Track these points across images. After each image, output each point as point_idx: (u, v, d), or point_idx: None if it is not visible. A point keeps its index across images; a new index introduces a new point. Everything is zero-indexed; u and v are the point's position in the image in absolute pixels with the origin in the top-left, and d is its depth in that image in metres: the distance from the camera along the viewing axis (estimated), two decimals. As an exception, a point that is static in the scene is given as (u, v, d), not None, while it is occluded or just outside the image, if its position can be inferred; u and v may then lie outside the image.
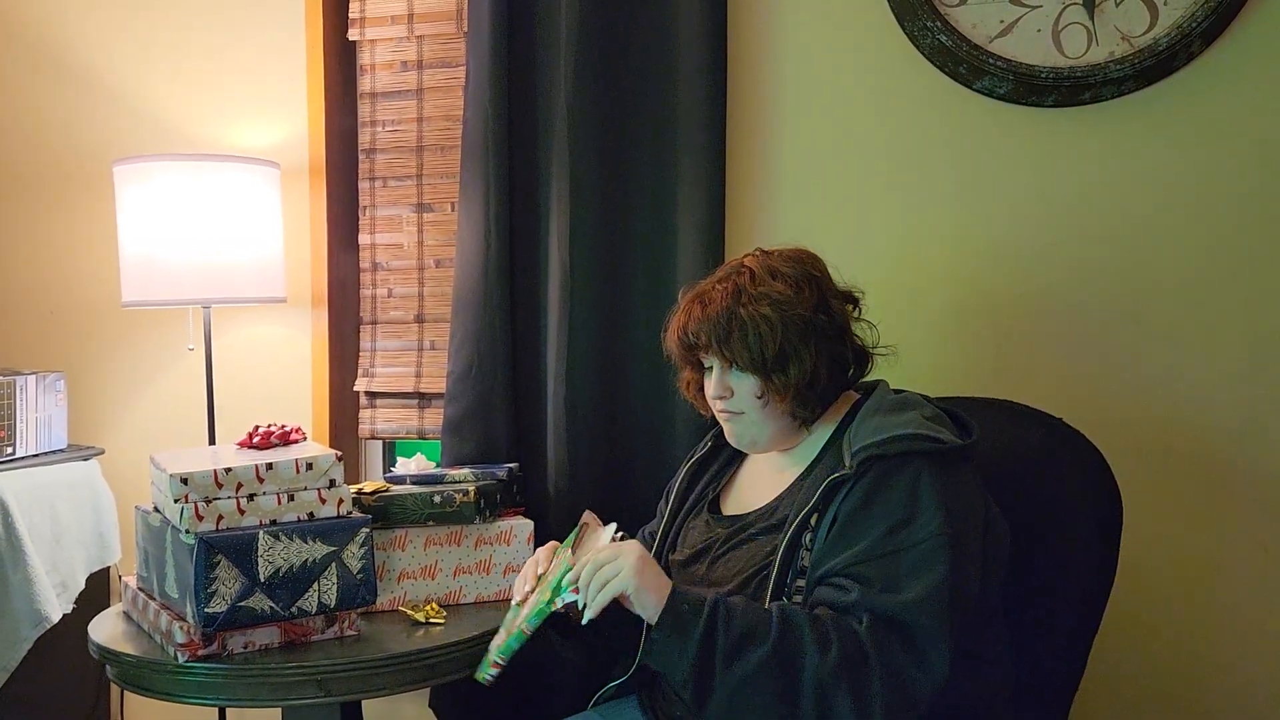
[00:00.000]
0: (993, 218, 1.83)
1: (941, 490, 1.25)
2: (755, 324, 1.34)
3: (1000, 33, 1.78)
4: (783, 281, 1.37)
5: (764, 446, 1.43)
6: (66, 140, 2.36)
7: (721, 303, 1.37)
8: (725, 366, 1.39)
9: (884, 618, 1.19)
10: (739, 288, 1.37)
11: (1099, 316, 1.79)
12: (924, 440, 1.28)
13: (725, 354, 1.37)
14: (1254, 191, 1.72)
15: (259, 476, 1.54)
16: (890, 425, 1.30)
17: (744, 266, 1.41)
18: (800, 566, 1.28)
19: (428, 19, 2.15)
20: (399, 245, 2.21)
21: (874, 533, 1.24)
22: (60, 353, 2.37)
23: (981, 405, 1.58)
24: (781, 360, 1.34)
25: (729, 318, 1.36)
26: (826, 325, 1.37)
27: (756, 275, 1.38)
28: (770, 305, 1.35)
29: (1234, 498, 1.75)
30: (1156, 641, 1.78)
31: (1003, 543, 1.36)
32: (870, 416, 1.34)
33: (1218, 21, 1.69)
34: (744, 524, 1.41)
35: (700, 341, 1.39)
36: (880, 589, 1.21)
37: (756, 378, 1.36)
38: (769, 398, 1.37)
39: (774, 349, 1.34)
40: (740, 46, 1.92)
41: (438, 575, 1.75)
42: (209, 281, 2.00)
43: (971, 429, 1.36)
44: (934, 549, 1.22)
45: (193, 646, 1.49)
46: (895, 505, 1.25)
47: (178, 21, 2.28)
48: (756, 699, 1.19)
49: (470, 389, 1.97)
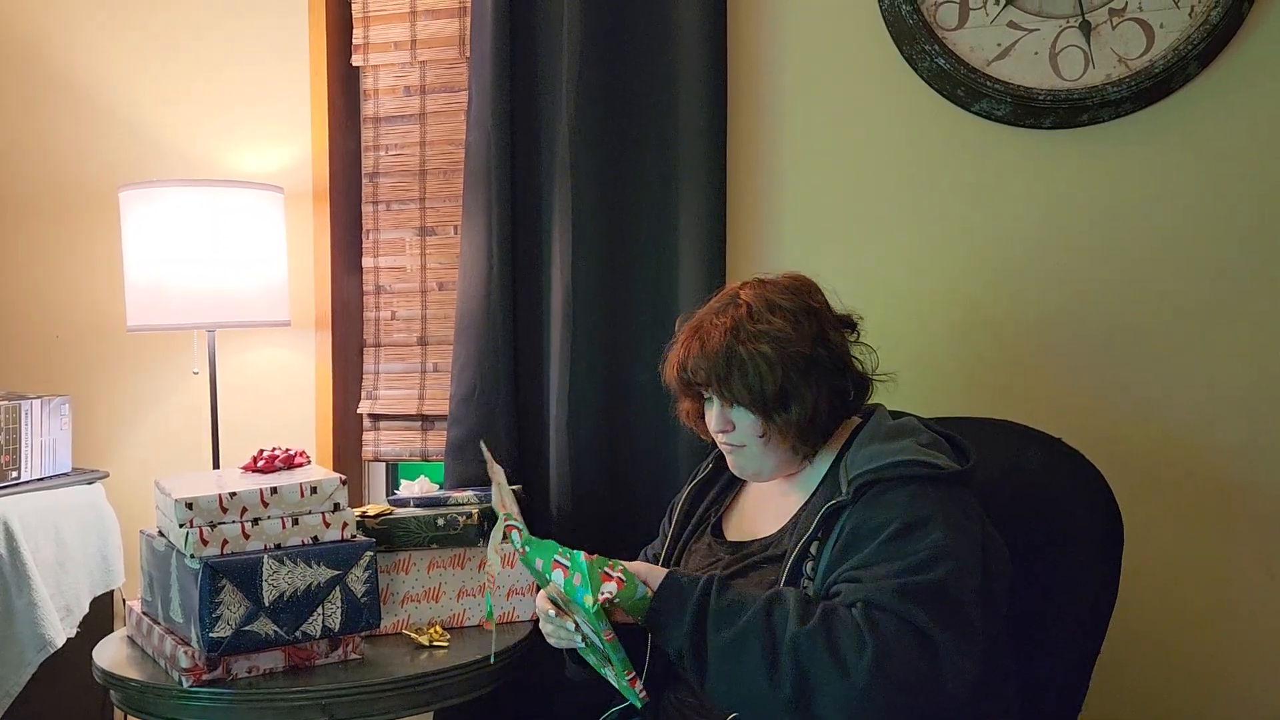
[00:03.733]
0: (992, 239, 1.84)
1: (941, 508, 1.25)
2: (755, 362, 1.32)
3: (998, 56, 1.80)
4: (781, 316, 1.35)
5: (767, 477, 1.43)
6: (73, 165, 2.38)
7: (720, 339, 1.35)
8: (726, 404, 1.38)
9: (879, 605, 1.17)
10: (737, 323, 1.35)
11: (1099, 336, 1.79)
12: (919, 466, 1.28)
13: (725, 394, 1.35)
14: (1252, 211, 1.73)
15: (263, 501, 1.55)
16: (886, 453, 1.30)
17: (741, 300, 1.38)
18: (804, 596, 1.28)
19: (430, 45, 2.17)
20: (402, 268, 2.22)
21: (873, 543, 1.24)
22: (65, 376, 2.38)
23: (981, 425, 1.58)
24: (782, 399, 1.33)
25: (728, 356, 1.34)
26: (826, 359, 1.36)
27: (755, 310, 1.36)
28: (769, 343, 1.33)
29: (1236, 516, 1.74)
30: (1159, 661, 1.78)
31: (1004, 571, 1.35)
32: (867, 444, 1.34)
33: (1214, 44, 1.70)
34: (747, 552, 1.41)
35: (699, 379, 1.38)
36: (871, 584, 1.20)
37: (757, 416, 1.35)
38: (770, 436, 1.36)
39: (774, 388, 1.32)
40: (740, 71, 1.94)
41: (441, 598, 1.75)
42: (213, 305, 2.01)
43: (969, 454, 1.35)
44: (932, 557, 1.20)
45: (197, 671, 1.49)
46: (894, 517, 1.24)
47: (183, 48, 2.30)
48: (744, 661, 1.19)
49: (473, 411, 1.98)
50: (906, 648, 1.15)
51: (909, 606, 1.16)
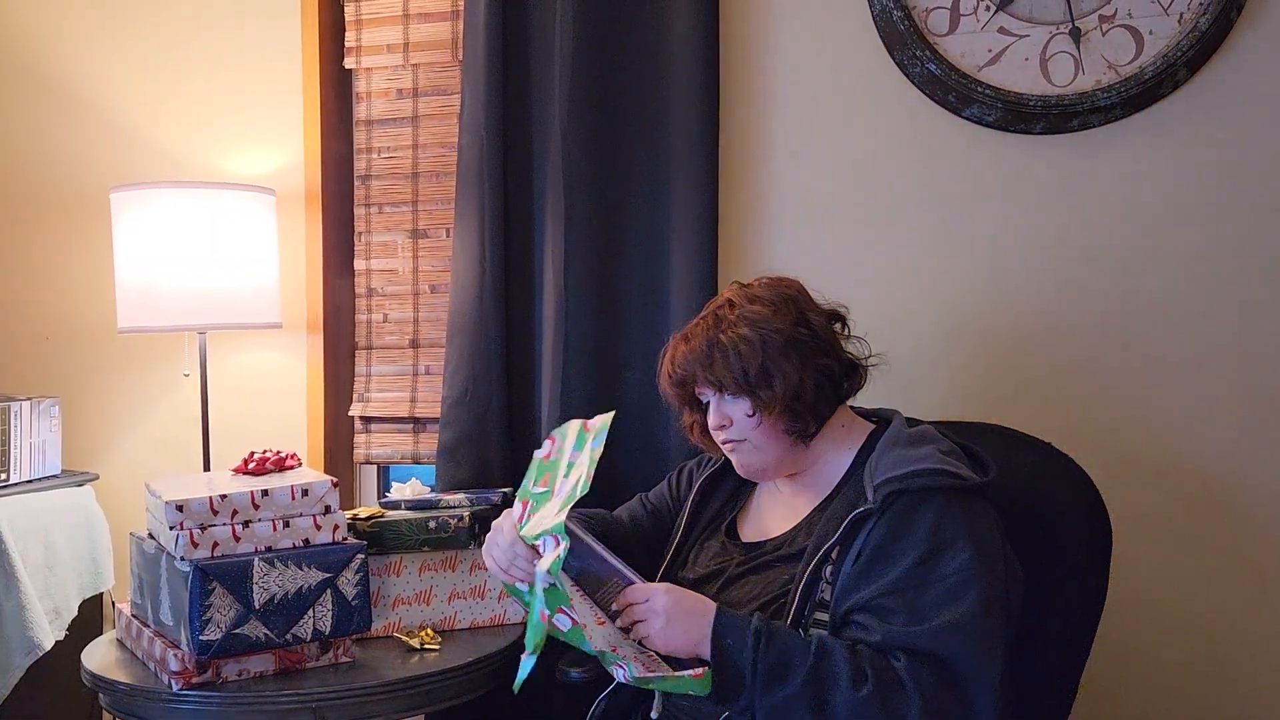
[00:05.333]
0: (982, 243, 1.85)
1: (967, 525, 1.27)
2: (735, 345, 1.37)
3: (989, 61, 1.81)
4: (760, 304, 1.40)
5: (772, 472, 1.44)
6: (64, 167, 2.37)
7: (702, 335, 1.40)
8: (717, 395, 1.41)
9: (919, 653, 1.20)
10: (718, 317, 1.41)
11: (1088, 341, 1.80)
12: (944, 475, 1.29)
13: (710, 380, 1.39)
14: (1241, 216, 1.74)
15: (254, 503, 1.54)
16: (911, 459, 1.32)
17: (724, 300, 1.44)
18: (820, 599, 1.29)
19: (423, 48, 2.17)
20: (394, 271, 2.22)
21: (900, 566, 1.25)
22: (56, 378, 2.37)
23: (972, 429, 1.59)
24: (765, 376, 1.36)
25: (710, 346, 1.39)
26: (809, 338, 1.39)
27: (735, 303, 1.41)
28: (748, 325, 1.37)
29: (1225, 519, 1.75)
30: (1148, 665, 1.79)
31: (1018, 586, 1.35)
32: (890, 449, 1.36)
33: (1202, 50, 1.71)
34: (760, 551, 1.42)
35: (686, 374, 1.41)
36: (904, 622, 1.22)
37: (746, 398, 1.38)
38: (760, 416, 1.38)
39: (756, 365, 1.36)
40: (733, 75, 1.94)
41: (433, 601, 1.75)
42: (205, 307, 2.01)
43: (988, 465, 1.37)
44: (962, 582, 1.23)
45: (186, 674, 1.49)
46: (921, 538, 1.26)
47: (176, 50, 2.30)
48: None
49: (465, 414, 1.98)
50: (949, 703, 1.20)
51: (950, 650, 1.21)
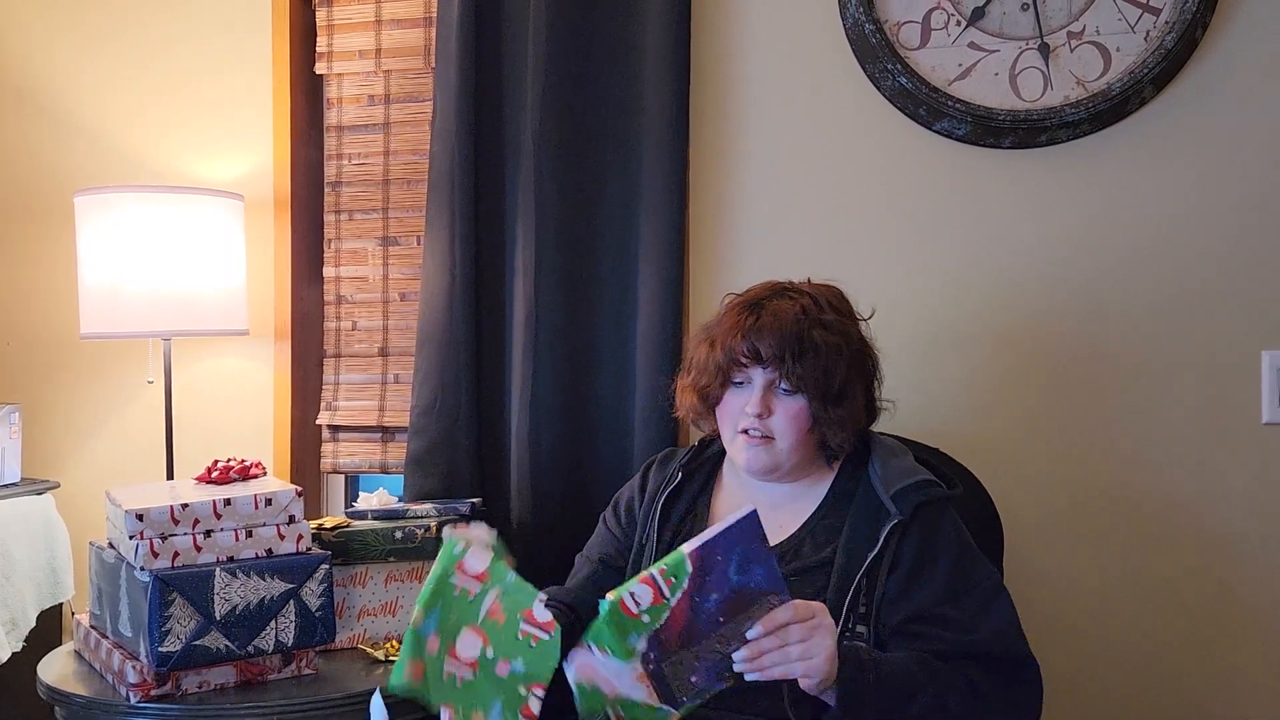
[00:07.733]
0: (951, 257, 1.86)
1: (964, 531, 1.35)
2: (829, 350, 1.32)
3: (959, 76, 1.82)
4: (837, 313, 1.37)
5: (780, 475, 1.40)
6: (27, 170, 2.33)
7: (793, 319, 1.32)
8: (775, 385, 1.34)
9: (985, 658, 1.25)
10: (805, 309, 1.34)
11: (1057, 354, 1.81)
12: (941, 486, 1.34)
13: (793, 372, 1.31)
14: (1205, 232, 1.76)
15: (216, 513, 1.52)
16: (910, 469, 1.35)
17: (796, 288, 1.40)
18: (860, 611, 1.29)
19: (395, 54, 2.16)
20: (364, 278, 2.20)
21: (941, 575, 1.29)
22: (16, 385, 2.33)
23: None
24: (841, 392, 1.34)
25: (802, 336, 1.32)
26: (870, 368, 1.41)
27: (818, 301, 1.36)
28: (838, 335, 1.34)
29: (1187, 535, 1.77)
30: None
31: None
32: (889, 458, 1.37)
33: (1169, 68, 1.73)
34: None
35: (769, 353, 1.32)
36: (963, 631, 1.25)
37: (815, 404, 1.33)
38: (813, 425, 1.34)
39: (840, 379, 1.33)
40: (703, 86, 1.95)
41: (399, 612, 1.73)
42: (170, 313, 1.98)
43: (951, 479, 1.39)
44: (994, 588, 1.31)
45: (145, 687, 1.46)
46: (949, 547, 1.31)
47: (142, 52, 2.27)
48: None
49: (434, 423, 1.96)
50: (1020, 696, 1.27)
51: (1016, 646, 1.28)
